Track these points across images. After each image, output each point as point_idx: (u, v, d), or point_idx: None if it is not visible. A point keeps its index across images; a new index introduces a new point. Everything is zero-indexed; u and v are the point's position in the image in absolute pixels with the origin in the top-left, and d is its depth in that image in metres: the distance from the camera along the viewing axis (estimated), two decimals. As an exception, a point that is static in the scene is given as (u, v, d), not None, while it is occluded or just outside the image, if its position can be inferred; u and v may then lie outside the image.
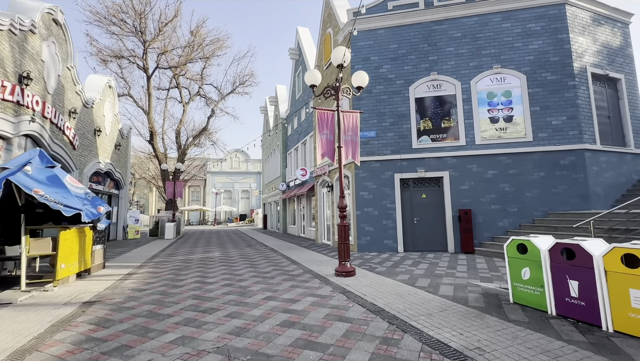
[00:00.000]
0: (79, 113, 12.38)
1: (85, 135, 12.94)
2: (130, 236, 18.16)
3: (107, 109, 15.50)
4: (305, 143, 17.89)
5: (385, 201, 10.19)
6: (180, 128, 23.28)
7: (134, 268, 8.26)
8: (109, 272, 7.66)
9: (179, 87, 23.45)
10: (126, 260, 9.57)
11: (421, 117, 10.34)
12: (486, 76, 10.05)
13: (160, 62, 19.90)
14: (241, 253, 10.95)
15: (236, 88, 26.19)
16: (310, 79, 7.19)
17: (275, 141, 23.89)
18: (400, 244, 9.92)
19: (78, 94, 12.21)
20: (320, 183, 13.83)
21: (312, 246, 12.57)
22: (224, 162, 46.81)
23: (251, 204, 46.96)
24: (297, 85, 19.74)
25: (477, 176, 9.76)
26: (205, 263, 8.85)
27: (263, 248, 12.38)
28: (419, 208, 10.13)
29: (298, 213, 18.67)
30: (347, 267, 6.57)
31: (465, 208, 9.65)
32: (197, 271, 7.51)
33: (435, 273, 6.65)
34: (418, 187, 10.24)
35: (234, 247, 12.86)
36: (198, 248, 12.69)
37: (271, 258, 9.55)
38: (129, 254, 10.89)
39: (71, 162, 11.62)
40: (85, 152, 13.03)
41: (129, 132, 19.11)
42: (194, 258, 9.95)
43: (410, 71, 10.57)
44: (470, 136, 9.94)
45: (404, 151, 10.27)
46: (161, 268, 8.18)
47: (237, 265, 8.29)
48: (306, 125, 17.30)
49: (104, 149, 15.03)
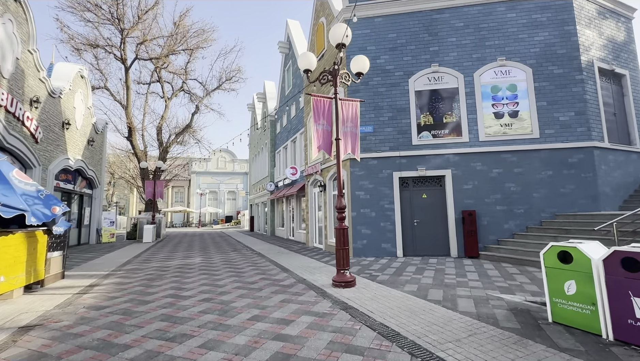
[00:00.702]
0: (43, 103, 11.10)
1: (51, 128, 11.64)
2: (104, 239, 16.77)
3: (79, 100, 14.17)
4: (295, 141, 16.99)
5: (383, 202, 9.42)
6: (162, 124, 21.94)
7: (99, 277, 7.16)
8: (67, 283, 6.55)
9: (161, 81, 22.14)
10: (92, 268, 8.42)
11: (421, 111, 9.63)
12: (490, 69, 9.44)
13: (139, 53, 18.59)
14: (225, 258, 9.94)
15: (222, 84, 25.02)
16: (305, 63, 6.34)
17: (263, 139, 22.88)
18: (400, 249, 9.15)
19: (42, 82, 10.93)
20: (311, 183, 12.97)
21: (303, 250, 11.67)
22: (210, 162, 45.29)
23: (238, 206, 45.58)
24: (286, 80, 18.84)
25: (481, 174, 9.11)
26: (183, 271, 7.82)
27: (249, 252, 11.40)
28: (419, 208, 9.41)
29: (287, 215, 17.73)
30: (346, 276, 5.73)
31: (469, 209, 8.98)
32: (172, 282, 6.50)
33: (446, 283, 5.88)
34: (418, 186, 9.52)
35: (217, 251, 11.82)
36: (178, 253, 11.58)
37: (258, 264, 8.61)
38: (98, 261, 9.71)
39: (32, 157, 10.34)
40: (51, 146, 11.73)
41: (105, 127, 17.73)
42: (171, 264, 8.89)
43: (409, 62, 9.86)
44: (474, 132, 9.29)
45: (404, 147, 9.54)
46: (131, 277, 7.11)
47: (220, 274, 7.32)
48: (296, 122, 16.41)
49: (74, 144, 13.70)
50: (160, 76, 21.98)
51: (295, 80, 16.99)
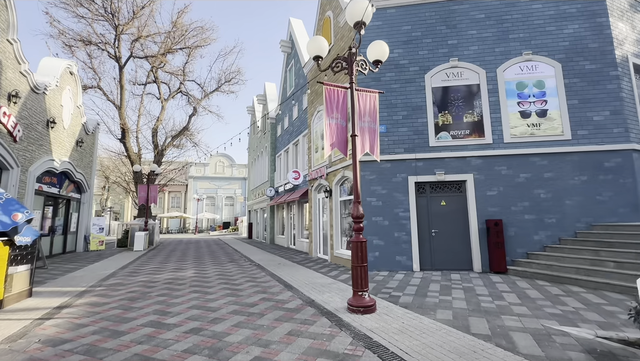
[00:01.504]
0: (25, 99, 10.17)
1: (33, 126, 10.69)
2: (92, 247, 15.69)
3: (67, 98, 13.25)
4: (297, 144, 16.09)
5: (397, 209, 8.48)
6: (157, 126, 21.02)
7: (73, 296, 6.14)
8: (32, 304, 5.53)
9: (158, 81, 21.29)
10: (69, 282, 7.40)
11: (439, 110, 8.76)
12: (515, 64, 8.61)
13: (134, 51, 17.75)
14: (221, 271, 8.93)
15: (221, 86, 24.20)
16: (315, 48, 5.46)
17: (263, 142, 21.99)
18: (416, 262, 8.18)
19: (24, 75, 10.02)
20: (315, 188, 12.03)
21: (306, 261, 10.67)
22: (207, 167, 44.32)
23: (236, 212, 44.48)
24: (288, 80, 18.03)
25: (506, 179, 8.20)
26: (172, 287, 6.81)
27: (248, 263, 10.39)
28: (437, 217, 8.47)
29: (288, 222, 16.73)
30: (364, 300, 4.75)
31: (494, 218, 8.05)
32: (156, 303, 5.50)
33: (484, 308, 4.91)
34: (436, 192, 8.60)
35: (212, 262, 10.80)
36: (169, 264, 10.56)
37: (258, 279, 7.61)
38: (78, 274, 8.67)
39: (9, 157, 9.36)
40: (33, 146, 10.76)
41: (96, 128, 16.78)
42: (159, 278, 7.88)
43: (425, 56, 9.02)
44: (498, 132, 8.41)
45: (420, 149, 8.64)
46: (110, 296, 6.10)
47: (214, 291, 6.31)
48: (299, 123, 15.53)
49: (60, 144, 12.74)
50: (156, 76, 21.15)
51: (297, 80, 16.17)
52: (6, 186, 9.39)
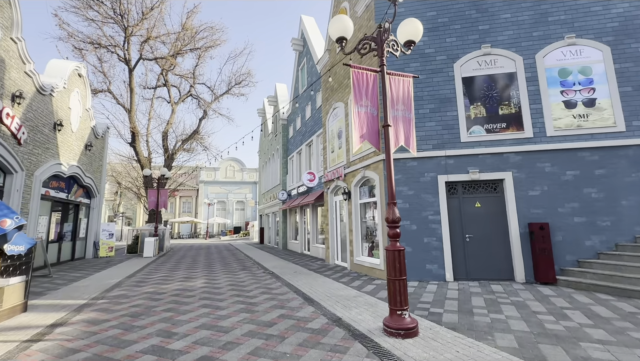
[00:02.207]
0: (30, 100, 9.80)
1: (39, 128, 10.31)
2: (102, 253, 15.28)
3: (75, 101, 12.93)
4: (310, 145, 15.41)
5: (426, 212, 7.65)
6: (168, 130, 20.70)
7: (71, 310, 5.53)
8: (25, 321, 4.93)
9: (168, 85, 21.02)
10: (71, 294, 6.82)
11: (471, 101, 7.93)
12: (556, 49, 7.72)
13: (144, 53, 17.48)
14: (233, 280, 8.24)
15: (231, 88, 23.85)
16: (338, 29, 4.75)
17: (274, 145, 21.40)
18: (449, 271, 7.32)
19: (29, 76, 9.65)
20: (331, 190, 11.28)
21: (323, 269, 9.90)
22: (218, 172, 44.17)
23: (246, 216, 44.07)
24: (300, 80, 17.42)
25: (551, 177, 7.29)
26: (179, 300, 6.14)
27: (261, 271, 9.68)
28: (471, 220, 7.60)
29: (302, 227, 16.00)
30: (405, 321, 3.96)
31: (538, 221, 7.13)
32: (161, 321, 4.82)
33: (552, 331, 4.04)
34: (470, 193, 7.74)
35: (224, 270, 10.14)
36: (178, 272, 9.94)
37: (273, 290, 6.88)
38: (83, 283, 8.12)
39: (13, 160, 8.95)
40: (39, 150, 10.37)
41: (106, 132, 16.49)
42: (167, 289, 7.24)
43: (454, 44, 8.22)
44: (539, 125, 7.52)
45: (450, 145, 7.81)
46: (111, 311, 5.46)
47: (225, 306, 5.61)
48: (312, 123, 14.86)
49: (68, 148, 12.38)
50: (166, 79, 20.89)
51: (310, 78, 15.54)
52: (10, 191, 8.97)
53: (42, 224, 11.01)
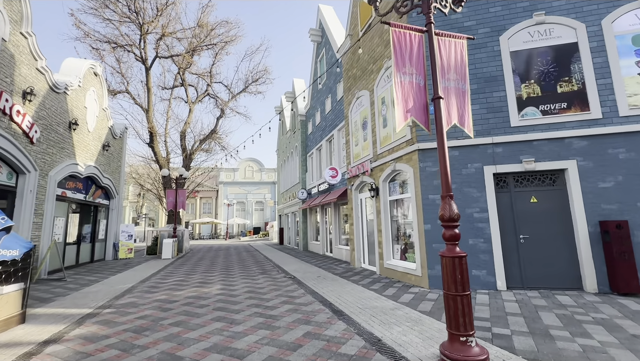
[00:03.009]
0: (43, 98, 9.50)
1: (53, 127, 10.02)
2: (121, 255, 15.07)
3: (91, 100, 12.69)
4: (331, 140, 14.54)
5: (470, 209, 6.58)
6: (185, 129, 20.45)
7: (73, 322, 4.93)
8: (17, 336, 4.34)
9: (185, 84, 20.78)
10: (78, 301, 6.28)
11: (522, 79, 6.78)
12: (629, 11, 6.44)
13: (160, 51, 17.25)
14: (251, 286, 7.49)
15: (248, 86, 23.39)
16: (371, -15, 3.83)
17: (293, 142, 20.69)
18: (501, 278, 6.22)
19: (41, 73, 9.34)
20: (356, 187, 10.34)
21: (349, 273, 8.98)
22: (237, 172, 44.18)
23: (265, 217, 43.80)
24: (319, 72, 16.58)
25: (627, 166, 6.04)
26: (191, 311, 5.43)
27: (281, 276, 8.90)
28: (526, 218, 6.46)
29: (323, 227, 15.15)
30: (471, 351, 2.99)
31: (614, 219, 5.91)
32: (166, 339, 4.09)
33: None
34: (523, 186, 6.60)
35: (242, 274, 9.44)
36: (194, 276, 9.34)
37: (296, 298, 6.05)
38: (95, 288, 7.63)
39: (26, 160, 8.63)
40: (54, 149, 10.09)
41: (124, 132, 16.32)
42: (179, 297, 6.57)
43: (499, 14, 7.09)
44: (610, 103, 6.28)
45: (498, 131, 6.70)
46: (115, 323, 4.81)
47: (242, 320, 4.83)
48: (332, 117, 13.97)
49: (85, 148, 12.13)
50: (184, 78, 20.65)
51: (331, 71, 14.65)
52: (22, 192, 8.65)
53: (59, 225, 10.75)
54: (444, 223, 3.33)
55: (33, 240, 9.02)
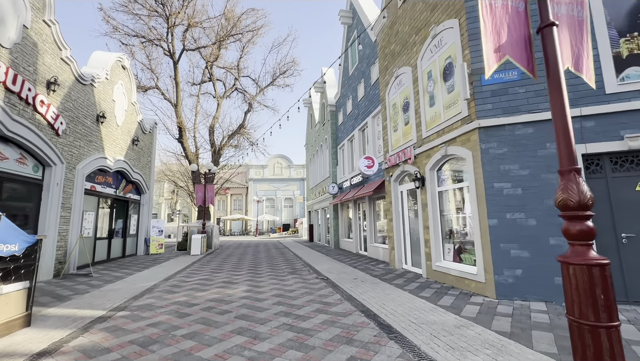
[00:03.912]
0: (69, 89, 9.28)
1: (80, 120, 9.83)
2: (152, 250, 15.01)
3: (119, 93, 12.55)
4: (364, 129, 13.38)
5: (550, 200, 5.21)
6: (214, 124, 20.23)
7: (79, 328, 4.31)
8: (14, 342, 3.76)
9: (213, 78, 20.54)
10: (95, 301, 5.77)
11: (621, 33, 5.25)
12: None
13: (186, 43, 17.03)
14: (279, 288, 6.63)
15: (276, 79, 22.77)
16: None
17: (322, 134, 19.73)
18: (597, 288, 4.80)
19: (66, 63, 9.12)
20: (395, 178, 9.16)
21: (390, 275, 7.85)
22: (266, 169, 44.19)
23: (295, 213, 43.44)
24: (350, 56, 15.44)
25: None
26: (210, 318, 4.64)
27: (313, 276, 7.98)
28: (630, 212, 4.98)
29: (356, 223, 14.07)
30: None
31: None
32: (174, 358, 3.28)
33: None
34: (625, 170, 5.11)
35: (270, 273, 8.65)
36: (220, 274, 8.70)
37: (331, 306, 5.07)
38: (115, 286, 7.17)
39: (51, 152, 8.40)
40: (81, 142, 9.90)
41: (154, 127, 16.26)
42: (201, 298, 5.85)
43: (585, -48, 5.58)
44: None
45: (587, 100, 5.25)
46: (123, 332, 4.11)
47: (267, 334, 3.93)
48: (366, 103, 12.81)
49: (113, 142, 11.99)
50: (211, 73, 20.41)
51: (363, 51, 13.47)
52: (49, 185, 8.45)
53: (89, 220, 10.62)
54: (569, 211, 2.18)
55: (61, 234, 8.84)
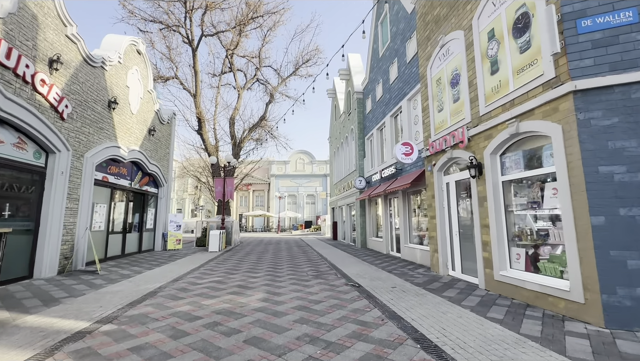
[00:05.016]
0: (75, 70, 8.55)
1: (88, 104, 9.11)
2: (170, 246, 14.38)
3: (134, 80, 11.84)
4: (397, 115, 11.90)
5: (692, 189, 3.61)
6: (235, 116, 19.42)
7: (43, 349, 3.31)
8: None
9: (233, 68, 19.72)
10: (84, 306, 4.83)
11: None
12: None
13: (205, 28, 16.25)
14: (302, 297, 5.42)
15: (298, 68, 21.63)
16: None
17: (348, 125, 18.36)
18: None
19: (72, 41, 8.38)
20: (440, 167, 7.67)
21: (437, 284, 6.42)
22: (288, 165, 43.39)
23: (317, 210, 42.37)
24: (380, 36, 13.94)
25: None
26: (211, 343, 3.49)
27: (342, 282, 6.71)
28: None
29: (386, 221, 12.63)
30: None
31: None
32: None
33: None
34: None
35: (291, 276, 7.48)
36: (236, 275, 7.64)
37: (372, 329, 3.77)
38: (118, 287, 6.26)
39: (55, 137, 7.67)
40: (90, 128, 9.19)
41: (173, 118, 15.60)
42: (207, 309, 4.75)
43: None
44: None
45: None
46: (96, 358, 3.05)
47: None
48: (400, 85, 11.31)
49: (127, 130, 11.29)
50: (232, 62, 19.58)
51: (397, 27, 11.95)
52: (52, 173, 7.73)
53: (100, 213, 9.95)
54: None
55: (67, 227, 8.13)
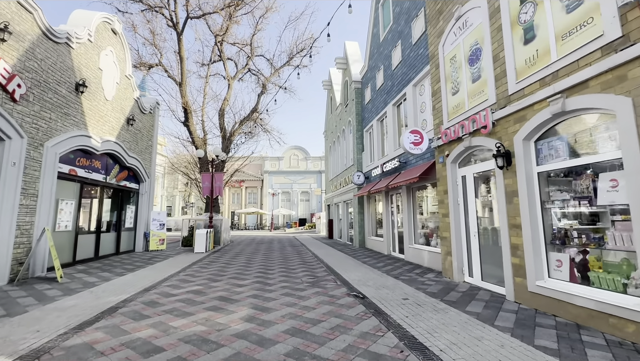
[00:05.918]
0: (31, 45, 7.33)
1: (49, 85, 7.89)
2: (152, 246, 13.22)
3: (109, 62, 10.60)
4: (400, 103, 10.89)
5: None
6: (225, 107, 18.21)
7: None
8: None
9: (223, 56, 18.48)
10: (20, 330, 3.73)
11: None
12: None
13: (191, 10, 14.99)
14: (296, 314, 4.38)
15: (292, 58, 20.45)
16: None
17: (345, 117, 17.31)
18: None
19: (26, 10, 7.15)
20: (454, 159, 6.69)
21: (455, 294, 5.45)
22: (282, 161, 42.21)
23: (311, 207, 41.34)
24: (382, 19, 12.88)
25: None
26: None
27: (343, 291, 5.69)
28: None
29: (388, 218, 11.66)
30: None
31: None
32: None
33: None
34: None
35: (284, 284, 6.43)
36: (219, 283, 6.57)
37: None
38: (72, 301, 5.15)
39: (4, 121, 6.47)
40: (52, 114, 7.98)
41: (156, 107, 14.36)
42: (175, 334, 3.69)
43: None
44: None
45: None
46: None
47: None
48: (404, 70, 10.28)
49: (101, 119, 10.08)
50: (221, 50, 18.33)
51: (401, 5, 10.89)
52: (1, 164, 6.54)
53: (67, 211, 8.76)
54: None
55: (21, 228, 6.96)
